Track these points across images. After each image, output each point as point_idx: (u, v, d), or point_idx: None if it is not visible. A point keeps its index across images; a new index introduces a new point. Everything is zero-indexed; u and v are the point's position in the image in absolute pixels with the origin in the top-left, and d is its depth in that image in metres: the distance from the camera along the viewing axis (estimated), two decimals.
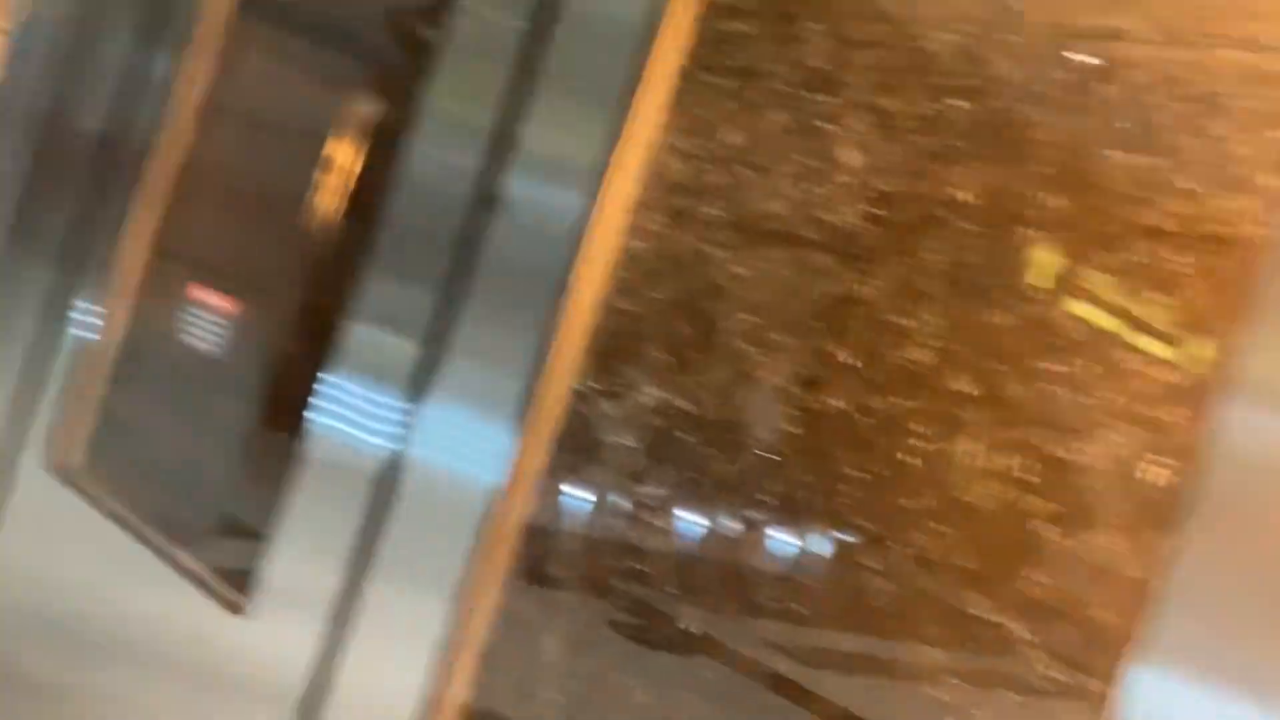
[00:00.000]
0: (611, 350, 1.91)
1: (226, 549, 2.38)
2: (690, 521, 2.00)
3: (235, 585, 2.13)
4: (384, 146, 2.26)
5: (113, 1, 2.64)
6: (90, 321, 2.54)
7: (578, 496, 2.06)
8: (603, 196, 1.76)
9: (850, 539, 1.85)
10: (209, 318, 2.55)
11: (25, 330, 2.60)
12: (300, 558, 2.01)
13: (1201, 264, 1.52)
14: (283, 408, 2.31)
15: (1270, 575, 1.11)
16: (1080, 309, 1.65)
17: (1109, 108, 1.62)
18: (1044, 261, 1.68)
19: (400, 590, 1.87)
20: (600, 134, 1.76)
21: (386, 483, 1.91)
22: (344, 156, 2.48)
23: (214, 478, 2.52)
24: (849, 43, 1.91)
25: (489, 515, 1.78)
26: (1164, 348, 1.58)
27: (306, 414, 2.05)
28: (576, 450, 1.97)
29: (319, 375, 2.05)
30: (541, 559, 1.96)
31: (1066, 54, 1.66)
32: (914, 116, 1.77)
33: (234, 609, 2.09)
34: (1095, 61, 1.65)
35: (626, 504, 2.07)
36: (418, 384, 1.91)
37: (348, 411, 2.02)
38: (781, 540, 1.92)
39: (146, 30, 2.59)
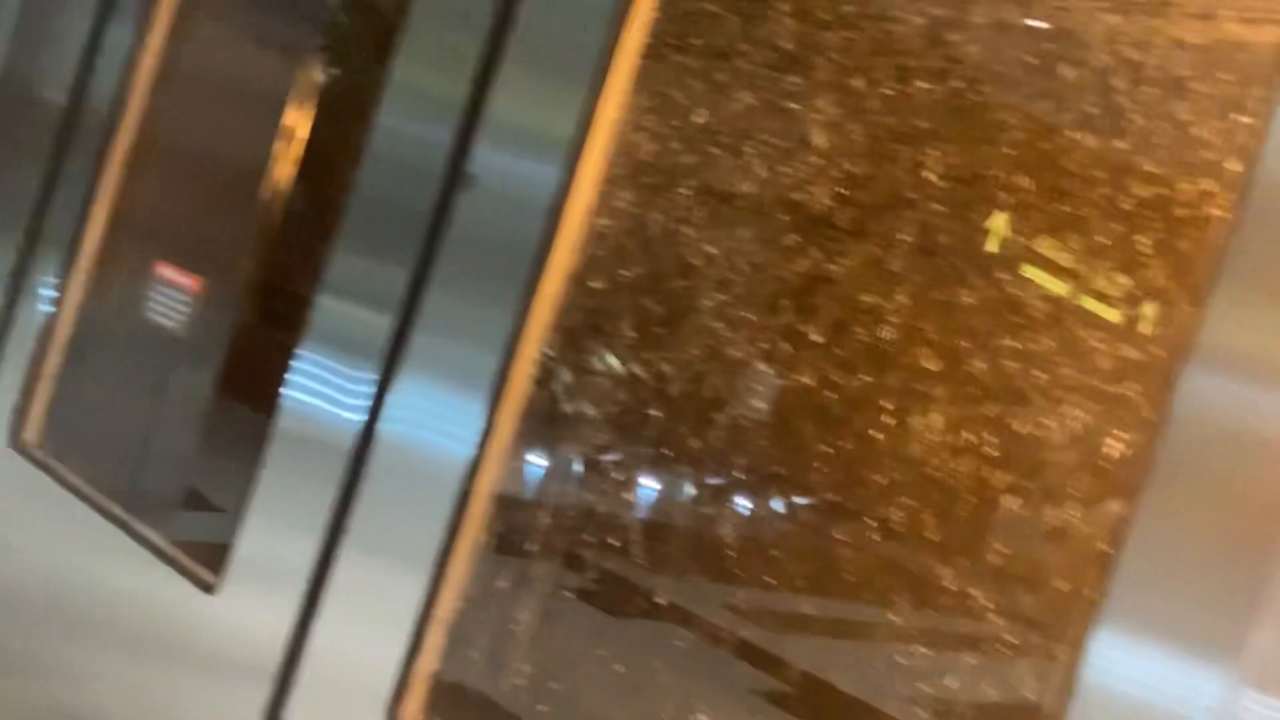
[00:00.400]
0: (582, 326, 1.93)
1: (196, 524, 2.38)
2: (660, 494, 2.03)
3: (205, 561, 2.13)
4: (346, 115, 2.25)
5: None
6: (52, 296, 2.52)
7: (549, 469, 2.08)
8: (575, 172, 1.77)
9: (819, 511, 1.88)
10: (172, 290, 2.54)
11: None
12: (273, 533, 2.01)
13: (1164, 245, 1.56)
14: (250, 382, 2.31)
15: (1224, 541, 1.16)
16: (1044, 288, 1.69)
17: (1073, 90, 1.65)
18: (1010, 242, 1.72)
19: (374, 564, 1.88)
20: (572, 110, 1.77)
21: (359, 457, 1.92)
22: (304, 126, 2.47)
23: (181, 453, 2.51)
24: (816, 24, 1.92)
25: (461, 488, 1.79)
26: (1126, 326, 1.63)
27: (276, 388, 2.05)
28: (547, 424, 1.99)
29: (287, 349, 2.06)
30: (513, 531, 1.98)
31: (1027, 28, 1.69)
32: (881, 98, 1.80)
33: (205, 587, 2.09)
34: (1048, 28, 1.68)
35: (597, 477, 2.09)
36: (390, 358, 1.91)
37: (320, 385, 2.02)
38: (751, 512, 1.96)
39: (105, 1, 2.56)
